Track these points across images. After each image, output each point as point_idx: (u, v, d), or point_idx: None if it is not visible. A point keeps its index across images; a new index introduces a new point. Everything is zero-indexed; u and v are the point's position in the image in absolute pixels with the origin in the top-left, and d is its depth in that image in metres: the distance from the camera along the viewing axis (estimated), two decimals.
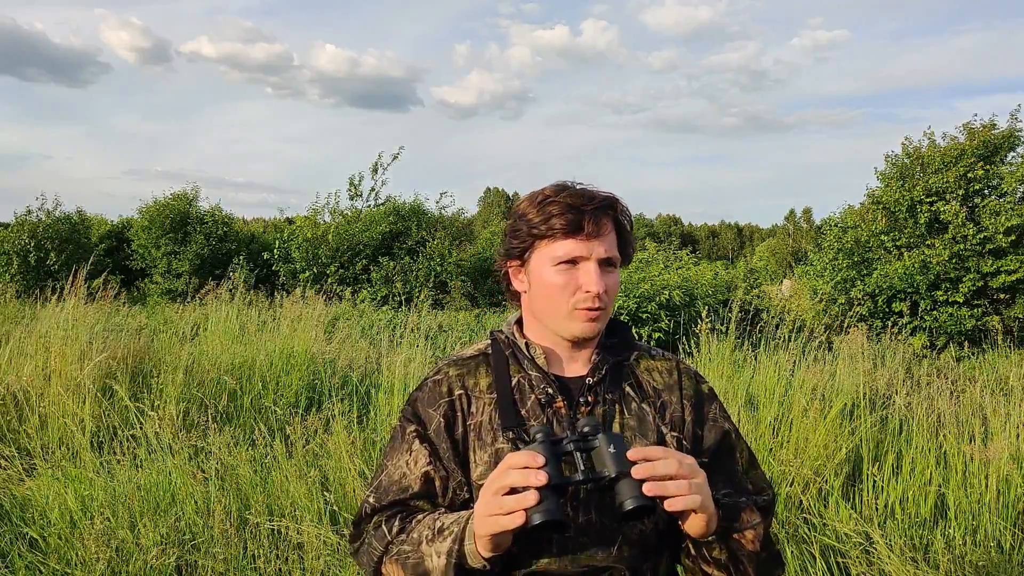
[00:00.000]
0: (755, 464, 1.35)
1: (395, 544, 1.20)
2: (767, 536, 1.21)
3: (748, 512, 1.18)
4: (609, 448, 1.05)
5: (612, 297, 1.26)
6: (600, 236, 1.23)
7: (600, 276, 1.23)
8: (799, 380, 4.70)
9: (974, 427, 4.12)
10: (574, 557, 1.18)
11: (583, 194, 1.24)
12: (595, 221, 1.22)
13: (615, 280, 1.27)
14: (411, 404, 1.33)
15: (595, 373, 1.28)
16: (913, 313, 11.70)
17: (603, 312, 1.25)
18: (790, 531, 3.40)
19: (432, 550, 1.13)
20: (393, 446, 1.31)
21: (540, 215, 1.24)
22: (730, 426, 1.34)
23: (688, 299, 9.65)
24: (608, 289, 1.24)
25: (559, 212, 1.22)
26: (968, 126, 12.38)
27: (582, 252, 1.23)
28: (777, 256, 55.39)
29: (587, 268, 1.23)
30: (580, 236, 1.22)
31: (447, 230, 17.77)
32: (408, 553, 1.16)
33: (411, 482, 1.25)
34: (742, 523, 1.17)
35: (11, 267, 18.15)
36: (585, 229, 1.22)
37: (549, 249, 1.24)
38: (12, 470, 3.95)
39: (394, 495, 1.26)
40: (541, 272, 1.26)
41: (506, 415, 1.25)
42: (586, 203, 1.22)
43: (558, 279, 1.24)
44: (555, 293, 1.25)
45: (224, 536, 3.21)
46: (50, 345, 5.41)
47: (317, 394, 5.61)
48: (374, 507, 1.27)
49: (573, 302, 1.24)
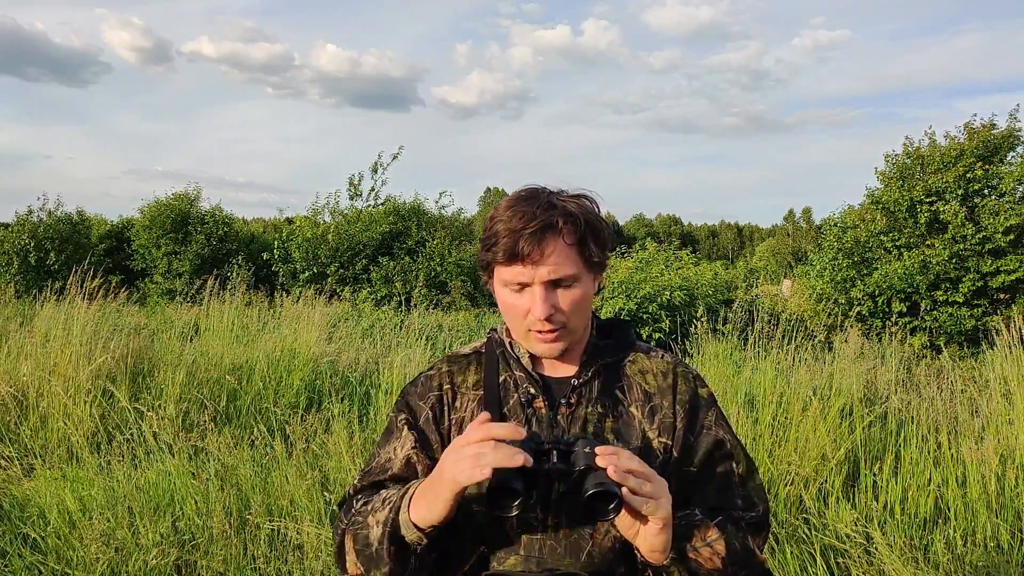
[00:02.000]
0: (752, 476, 1.31)
1: (356, 515, 1.21)
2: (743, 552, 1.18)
3: (703, 529, 1.15)
4: (584, 448, 1.06)
5: (573, 312, 1.23)
6: (543, 259, 1.18)
7: (546, 299, 1.19)
8: (798, 380, 4.70)
9: (973, 427, 4.13)
10: (540, 560, 1.18)
11: (525, 214, 1.18)
12: (535, 244, 1.17)
13: (573, 296, 1.22)
14: (404, 396, 1.35)
15: (581, 374, 1.28)
16: (913, 313, 11.70)
17: (561, 331, 1.23)
18: (790, 531, 3.40)
19: (374, 520, 1.14)
20: (385, 436, 1.33)
21: (489, 237, 1.22)
22: (726, 434, 1.30)
23: (689, 299, 9.66)
24: (563, 307, 1.21)
25: (501, 236, 1.19)
26: (968, 126, 12.38)
27: (525, 278, 1.20)
28: (777, 256, 55.38)
29: (532, 292, 1.21)
30: (518, 263, 1.19)
31: (447, 230, 17.78)
32: (360, 524, 1.18)
33: (392, 464, 1.27)
34: (695, 540, 1.14)
35: (11, 267, 18.16)
36: (521, 255, 1.18)
37: (499, 272, 1.23)
38: (12, 470, 3.95)
39: (375, 476, 1.28)
40: (499, 292, 1.26)
41: (490, 408, 1.25)
42: (525, 226, 1.17)
43: (510, 301, 1.23)
44: (511, 315, 1.25)
45: (224, 536, 3.21)
46: (50, 345, 5.41)
47: (317, 394, 5.61)
48: (356, 488, 1.29)
49: (526, 324, 1.23)
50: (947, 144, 12.35)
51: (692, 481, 1.26)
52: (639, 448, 1.24)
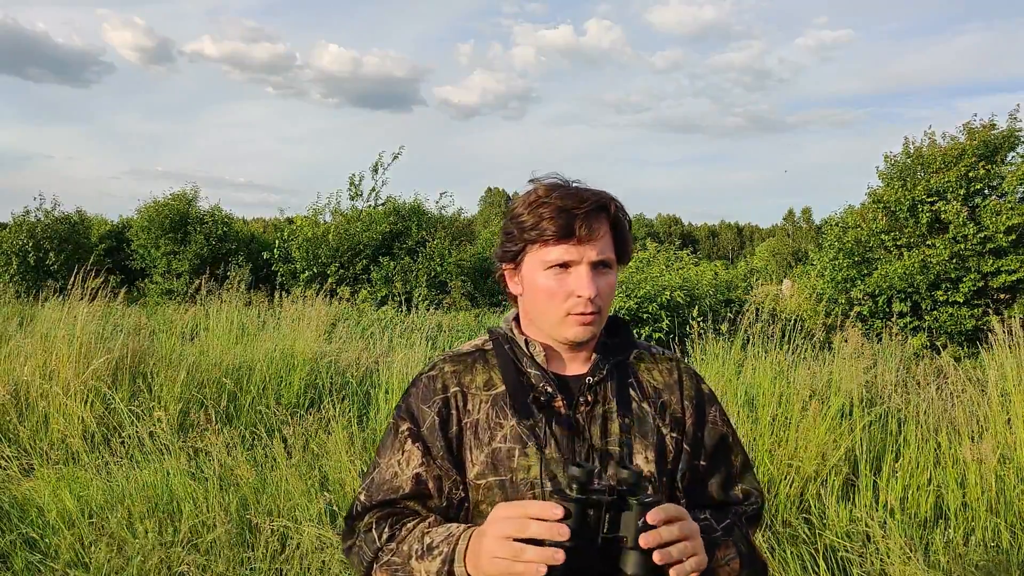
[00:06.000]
0: (748, 469, 1.34)
1: (384, 552, 1.19)
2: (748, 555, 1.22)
3: (724, 549, 1.19)
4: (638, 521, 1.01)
5: (607, 299, 1.24)
6: (592, 239, 1.20)
7: (592, 280, 1.20)
8: (798, 380, 4.69)
9: (972, 427, 4.12)
10: None
11: (576, 195, 1.20)
12: (587, 224, 1.19)
13: (610, 282, 1.24)
14: (405, 400, 1.31)
15: (595, 372, 1.26)
16: (913, 313, 11.69)
17: (597, 316, 1.23)
18: (790, 531, 3.40)
19: (422, 568, 1.12)
20: (386, 443, 1.30)
21: (532, 218, 1.21)
22: (728, 430, 1.34)
23: (689, 299, 9.66)
24: (602, 292, 1.22)
25: (550, 216, 1.19)
26: (968, 126, 12.38)
27: (573, 257, 1.20)
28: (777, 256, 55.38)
29: (579, 272, 1.20)
30: (571, 241, 1.19)
31: (447, 230, 17.77)
32: (398, 566, 1.16)
33: (402, 483, 1.24)
34: (718, 561, 1.17)
35: (11, 267, 18.15)
36: (576, 233, 1.18)
37: (541, 253, 1.22)
38: (11, 470, 3.95)
39: (385, 495, 1.25)
40: (534, 276, 1.24)
41: (519, 404, 1.23)
42: (578, 205, 1.18)
43: (550, 283, 1.21)
44: (548, 298, 1.22)
45: (224, 536, 3.21)
46: (50, 345, 5.40)
47: (317, 394, 5.60)
48: (365, 505, 1.26)
49: (566, 307, 1.21)
50: (947, 144, 12.35)
51: (698, 475, 1.30)
52: (655, 445, 1.24)
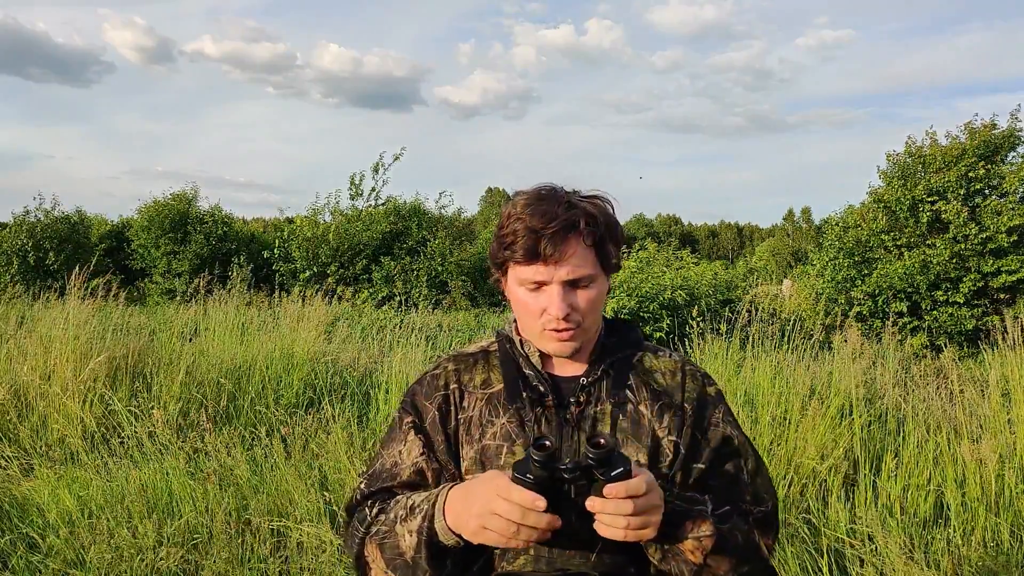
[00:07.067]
0: (761, 473, 1.30)
1: (374, 524, 1.22)
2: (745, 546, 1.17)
3: (696, 523, 1.13)
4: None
5: (589, 311, 1.24)
6: (561, 260, 1.19)
7: (563, 298, 1.20)
8: (797, 379, 4.69)
9: (972, 427, 4.12)
10: (550, 560, 1.18)
11: (544, 214, 1.19)
12: (555, 244, 1.18)
13: (590, 295, 1.23)
14: (410, 395, 1.36)
15: (590, 373, 1.28)
16: (913, 313, 11.69)
17: (576, 330, 1.23)
18: (790, 531, 3.40)
19: (404, 530, 1.15)
20: (390, 435, 1.33)
21: (507, 235, 1.22)
22: (734, 431, 1.31)
23: (689, 299, 9.66)
24: (579, 307, 1.22)
25: (520, 235, 1.19)
26: (969, 126, 12.38)
27: (544, 277, 1.20)
28: (777, 256, 55.39)
29: (550, 292, 1.21)
30: (538, 262, 1.19)
31: (447, 230, 17.77)
32: (384, 534, 1.19)
33: (402, 471, 1.28)
34: (683, 532, 1.12)
35: (11, 267, 18.15)
36: (543, 255, 1.18)
37: (516, 271, 1.24)
38: (11, 470, 3.95)
39: (383, 482, 1.28)
40: (515, 291, 1.26)
41: (511, 392, 1.27)
42: (545, 226, 1.18)
43: (527, 299, 1.24)
44: (526, 313, 1.25)
45: (224, 536, 3.21)
46: (50, 345, 5.40)
47: (317, 394, 5.60)
48: (364, 493, 1.30)
49: (541, 323, 1.23)
50: (948, 144, 12.35)
51: (701, 478, 1.26)
52: (648, 448, 1.24)
